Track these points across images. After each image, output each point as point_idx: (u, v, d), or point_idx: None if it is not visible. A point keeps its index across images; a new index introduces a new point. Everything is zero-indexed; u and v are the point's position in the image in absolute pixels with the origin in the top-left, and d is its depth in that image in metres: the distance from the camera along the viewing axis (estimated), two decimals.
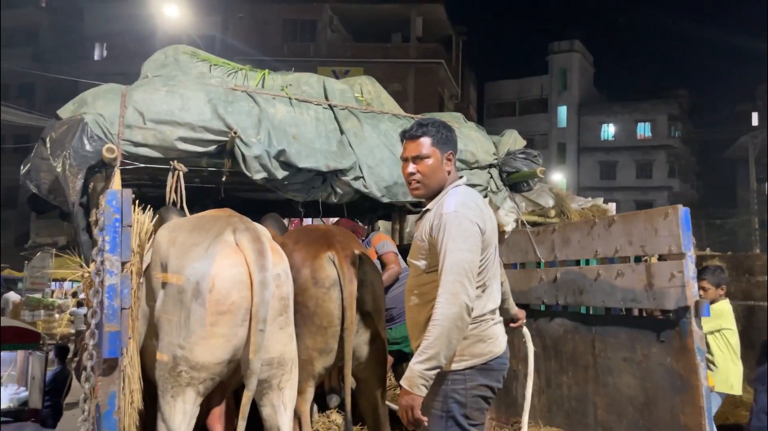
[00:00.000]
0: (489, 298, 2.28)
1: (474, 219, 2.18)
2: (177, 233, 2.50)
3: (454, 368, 2.19)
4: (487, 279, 2.25)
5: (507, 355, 2.34)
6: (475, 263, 2.13)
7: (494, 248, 2.31)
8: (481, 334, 2.22)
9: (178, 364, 2.27)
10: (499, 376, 2.29)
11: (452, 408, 2.18)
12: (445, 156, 2.34)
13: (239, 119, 3.65)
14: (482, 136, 4.54)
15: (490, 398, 2.28)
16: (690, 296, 3.07)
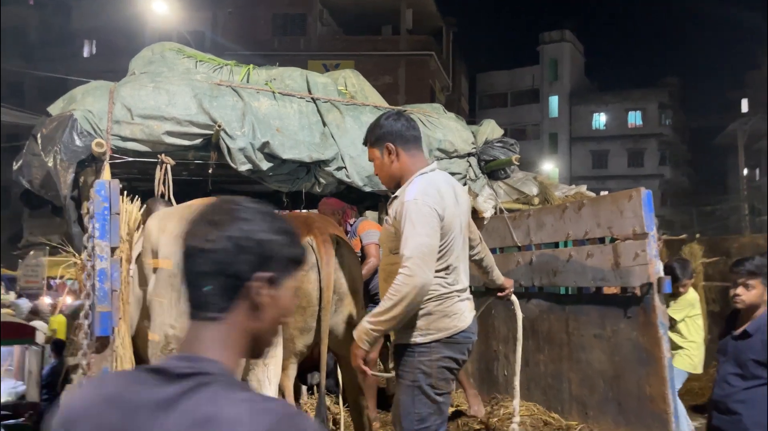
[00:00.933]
0: (455, 278, 2.45)
1: (432, 205, 2.35)
2: (167, 221, 2.65)
3: (420, 341, 2.37)
4: (451, 261, 2.42)
5: (473, 330, 2.49)
6: (433, 246, 2.31)
7: (459, 232, 2.47)
8: (446, 310, 2.40)
9: (170, 342, 2.43)
10: (464, 349, 2.46)
11: (419, 378, 2.37)
12: (383, 151, 2.52)
13: (224, 113, 3.79)
14: (461, 125, 4.69)
15: (455, 369, 2.45)
16: (652, 273, 3.24)
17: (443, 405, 2.44)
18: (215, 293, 1.00)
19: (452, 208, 2.44)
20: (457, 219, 2.46)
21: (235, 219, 1.03)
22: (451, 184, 2.60)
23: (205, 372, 0.94)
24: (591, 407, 3.73)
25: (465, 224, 2.57)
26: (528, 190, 8.05)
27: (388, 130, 2.55)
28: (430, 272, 2.28)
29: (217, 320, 1.01)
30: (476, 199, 4.61)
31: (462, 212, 2.54)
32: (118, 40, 24.87)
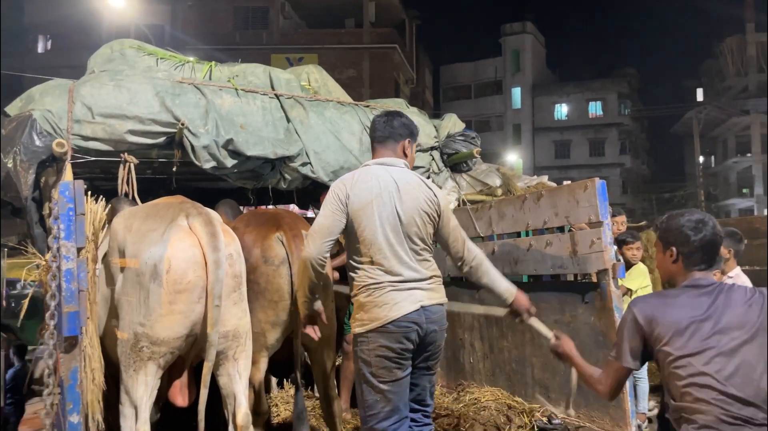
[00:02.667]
0: (386, 268, 2.47)
1: (335, 190, 2.54)
2: (132, 220, 2.66)
3: (358, 331, 2.49)
4: (374, 252, 2.47)
5: (413, 318, 2.46)
6: (325, 226, 2.48)
7: (388, 223, 2.48)
8: (375, 301, 2.46)
9: (140, 340, 2.46)
10: (400, 337, 2.44)
11: (361, 367, 2.50)
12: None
13: (187, 111, 3.79)
14: (423, 120, 4.78)
15: (395, 357, 2.45)
16: (607, 260, 3.38)
17: (390, 393, 2.46)
18: None
19: (368, 198, 2.48)
20: (383, 210, 2.48)
21: None
22: (398, 177, 2.57)
23: None
24: (553, 390, 3.87)
25: (411, 218, 2.52)
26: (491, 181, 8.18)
27: (374, 128, 2.74)
28: (314, 247, 2.46)
29: None
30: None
31: (407, 207, 2.52)
32: (73, 34, 24.18)
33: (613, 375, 2.04)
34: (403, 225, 2.52)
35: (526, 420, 3.65)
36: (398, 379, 2.49)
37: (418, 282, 2.52)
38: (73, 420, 2.20)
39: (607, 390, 2.09)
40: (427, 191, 2.63)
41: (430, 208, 2.60)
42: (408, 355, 2.50)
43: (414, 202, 2.56)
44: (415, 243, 2.55)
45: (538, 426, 3.65)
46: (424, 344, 2.54)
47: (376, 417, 2.46)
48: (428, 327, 2.52)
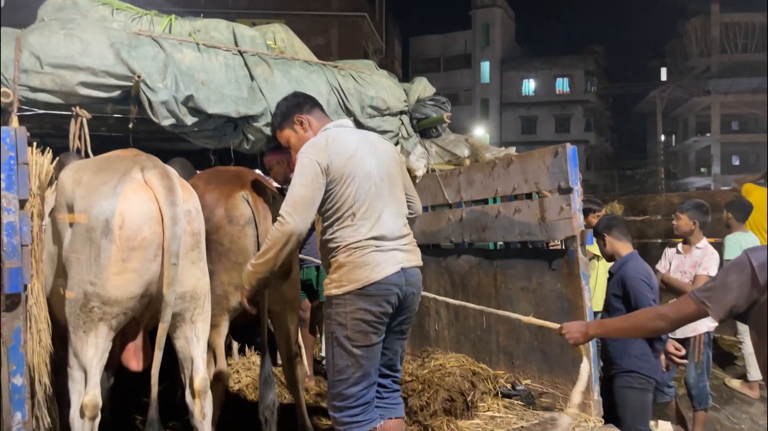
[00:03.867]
0: (369, 227, 2.37)
1: (312, 156, 2.38)
2: (82, 173, 2.49)
3: (334, 293, 2.37)
4: (357, 208, 2.38)
5: (394, 281, 2.38)
6: (306, 196, 2.34)
7: (368, 179, 2.41)
8: (356, 261, 2.34)
9: (90, 300, 2.31)
10: (381, 301, 2.36)
11: (335, 330, 2.38)
12: (294, 125, 2.62)
13: (144, 64, 3.60)
14: (393, 83, 4.66)
15: (374, 322, 2.37)
16: (576, 227, 3.36)
17: (362, 359, 2.38)
18: None
19: (347, 155, 2.41)
20: (362, 165, 2.42)
21: None
22: (362, 135, 2.59)
23: None
24: (517, 357, 3.87)
25: (386, 173, 2.49)
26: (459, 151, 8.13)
27: (292, 104, 2.66)
28: (300, 219, 2.33)
29: None
30: (408, 157, 4.62)
31: (381, 162, 2.49)
32: None
33: (686, 314, 1.95)
34: (383, 180, 2.46)
35: (490, 386, 3.65)
36: (373, 344, 2.40)
37: (399, 241, 2.44)
38: (16, 383, 2.06)
39: (668, 327, 2.04)
40: (388, 142, 2.68)
41: (393, 157, 2.60)
42: (385, 320, 2.42)
43: (387, 156, 2.54)
44: (394, 198, 2.50)
45: (501, 392, 3.64)
46: (401, 307, 2.47)
47: (345, 382, 2.38)
48: (407, 290, 2.44)
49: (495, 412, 3.45)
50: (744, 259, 1.84)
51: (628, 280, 3.47)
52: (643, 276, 3.52)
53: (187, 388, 2.60)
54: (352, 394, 2.38)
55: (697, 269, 4.23)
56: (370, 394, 2.44)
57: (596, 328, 2.36)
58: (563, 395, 3.54)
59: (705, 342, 4.25)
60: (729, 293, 1.83)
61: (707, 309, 1.87)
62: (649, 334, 2.11)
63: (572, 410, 2.79)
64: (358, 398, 2.39)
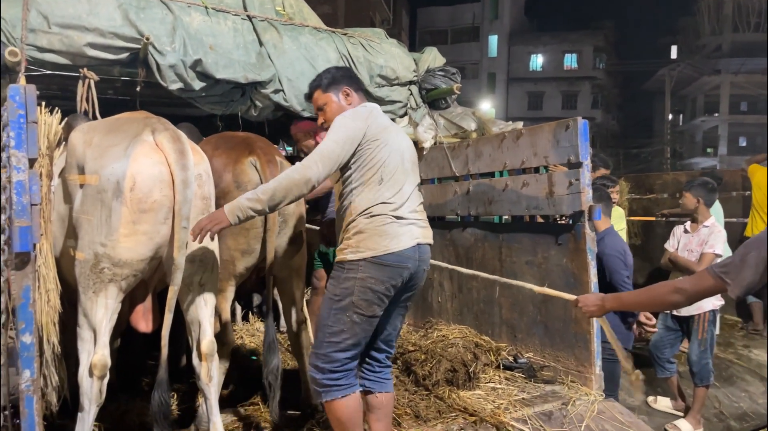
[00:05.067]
0: (388, 192, 2.41)
1: (352, 119, 2.43)
2: (92, 135, 2.48)
3: (350, 258, 2.38)
4: (386, 175, 2.42)
5: (409, 255, 2.40)
6: (335, 152, 2.36)
7: (399, 153, 2.49)
8: (377, 229, 2.36)
9: (100, 261, 2.32)
10: (395, 273, 2.38)
11: (340, 293, 2.39)
12: (341, 93, 2.63)
13: (152, 26, 3.55)
14: (403, 52, 4.60)
15: (381, 293, 2.38)
16: (584, 201, 3.34)
17: (359, 327, 2.38)
18: None
19: (384, 125, 2.49)
20: (394, 139, 2.50)
21: None
22: (392, 123, 2.64)
23: None
24: (520, 330, 3.90)
25: (410, 155, 2.58)
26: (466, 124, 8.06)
27: (346, 74, 2.70)
28: (323, 170, 2.34)
29: None
30: (416, 128, 4.58)
31: (406, 144, 2.60)
32: None
33: (704, 289, 1.95)
34: (407, 158, 2.54)
35: (492, 358, 3.68)
36: (374, 316, 2.42)
37: (416, 216, 2.49)
38: (25, 341, 2.08)
39: (685, 301, 2.04)
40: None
41: (414, 149, 2.67)
42: (391, 294, 2.43)
43: (407, 142, 2.62)
44: (414, 178, 2.57)
45: (503, 365, 3.68)
46: (410, 282, 2.49)
47: (335, 346, 2.39)
48: (419, 266, 2.48)
49: (496, 384, 3.49)
50: (763, 236, 1.84)
51: (605, 257, 3.64)
52: (618, 254, 3.71)
53: (194, 351, 2.62)
54: (338, 359, 2.39)
55: (704, 247, 4.24)
56: (354, 363, 2.46)
57: (612, 301, 2.36)
58: (564, 368, 3.57)
59: (710, 320, 4.27)
60: (747, 269, 1.82)
61: (725, 284, 1.87)
62: (666, 308, 2.12)
63: (637, 372, 2.77)
64: (343, 364, 2.41)
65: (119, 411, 3.08)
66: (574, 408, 3.19)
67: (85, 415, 2.37)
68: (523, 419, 3.05)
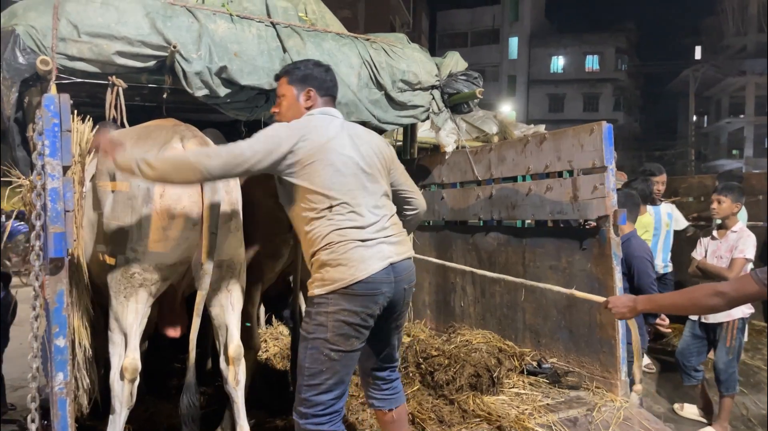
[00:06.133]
0: (344, 219, 2.21)
1: (281, 134, 2.21)
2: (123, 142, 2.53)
3: (317, 293, 2.21)
4: (332, 198, 2.21)
5: (382, 278, 2.21)
6: (244, 156, 2.14)
7: (352, 171, 2.26)
8: (339, 258, 2.17)
9: (131, 267, 2.37)
10: (368, 302, 2.19)
11: (313, 331, 2.20)
12: (303, 92, 2.46)
13: (179, 34, 3.60)
14: (425, 57, 4.61)
15: (358, 325, 2.20)
16: (609, 206, 3.32)
17: (339, 365, 2.19)
18: None
19: (322, 140, 2.24)
20: (339, 153, 2.26)
21: None
22: (345, 125, 2.40)
23: None
24: (543, 335, 3.88)
25: (368, 165, 2.33)
26: (488, 128, 8.10)
27: (318, 76, 2.49)
28: (218, 168, 2.11)
29: None
30: (439, 133, 4.58)
31: (363, 153, 2.34)
32: None
33: (746, 294, 1.92)
34: (364, 168, 2.31)
35: (516, 364, 3.66)
36: (353, 350, 2.23)
37: (384, 232, 2.28)
38: (59, 344, 2.13)
39: (725, 305, 1.98)
40: (375, 135, 2.50)
41: (381, 152, 2.43)
42: (370, 322, 2.24)
43: (370, 145, 2.39)
44: (377, 188, 2.34)
45: (527, 370, 3.66)
46: (393, 304, 2.31)
47: (316, 389, 2.20)
48: (398, 286, 2.28)
49: (520, 389, 3.47)
50: None
51: (633, 259, 3.64)
52: (647, 255, 3.74)
53: (221, 355, 2.66)
54: (321, 402, 2.21)
55: (734, 252, 4.18)
56: (341, 403, 2.27)
57: (645, 303, 2.28)
58: (589, 374, 3.54)
59: (738, 328, 4.20)
60: None
61: None
62: (704, 312, 2.06)
63: (638, 387, 2.78)
64: (327, 406, 2.22)
65: (147, 413, 3.14)
66: (599, 415, 3.16)
67: (116, 418, 2.42)
68: (548, 425, 3.03)
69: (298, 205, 2.27)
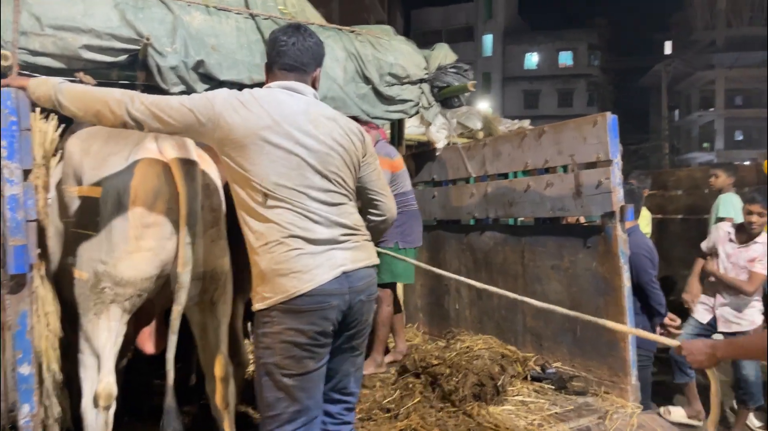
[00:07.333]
0: (283, 215, 1.87)
1: (219, 101, 1.90)
2: (91, 142, 2.28)
3: (258, 308, 1.92)
4: (270, 188, 1.87)
5: (331, 290, 1.89)
6: (171, 109, 1.87)
7: (284, 154, 1.89)
8: (279, 267, 1.86)
9: (101, 281, 2.11)
10: (316, 318, 1.87)
11: (262, 355, 1.91)
12: (265, 67, 2.14)
13: (151, 27, 3.35)
14: (412, 49, 4.40)
15: (307, 344, 1.88)
16: (615, 202, 3.15)
17: (297, 389, 1.89)
18: None
19: (267, 122, 1.88)
20: (285, 138, 1.89)
21: None
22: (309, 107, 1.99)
23: None
24: (545, 338, 3.70)
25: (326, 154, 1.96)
26: (472, 124, 7.91)
27: (269, 49, 2.12)
28: (143, 113, 1.86)
29: None
30: (429, 128, 4.39)
31: (322, 142, 1.96)
32: None
33: None
34: (314, 162, 1.93)
35: (519, 369, 3.48)
36: (309, 372, 1.91)
37: (338, 237, 1.94)
38: (23, 372, 1.88)
39: None
40: (347, 123, 2.10)
41: (351, 142, 2.05)
42: (325, 341, 1.93)
43: (329, 135, 1.98)
44: (332, 185, 1.97)
45: (531, 376, 3.48)
46: (348, 321, 1.99)
47: (277, 420, 1.91)
48: (352, 298, 1.95)
49: (525, 397, 3.29)
50: None
51: (632, 256, 3.44)
52: (646, 252, 3.61)
53: (207, 375, 2.41)
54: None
55: (755, 265, 3.92)
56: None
57: (725, 350, 1.94)
58: (597, 379, 3.37)
59: None
60: None
61: None
62: None
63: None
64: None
65: None
66: (611, 423, 2.99)
67: None
68: None
69: (237, 194, 1.94)
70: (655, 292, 3.63)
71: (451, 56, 4.49)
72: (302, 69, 2.07)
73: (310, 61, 2.10)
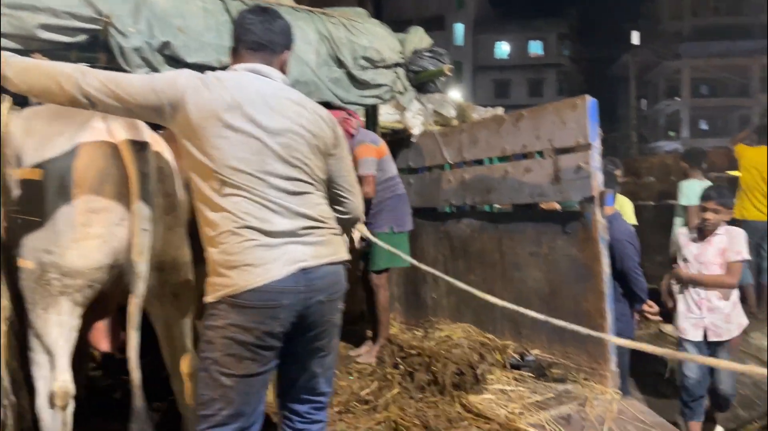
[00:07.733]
0: (245, 211, 1.76)
1: (181, 80, 1.79)
2: (34, 121, 2.12)
3: (207, 300, 1.81)
4: (225, 175, 1.75)
5: (284, 288, 1.75)
6: (130, 86, 1.78)
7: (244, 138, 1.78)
8: (231, 259, 1.74)
9: (47, 271, 1.97)
10: (264, 316, 1.74)
11: (204, 349, 1.80)
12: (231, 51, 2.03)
13: (113, 6, 3.18)
14: (387, 32, 4.29)
15: (251, 344, 1.75)
16: (595, 186, 3.11)
17: (233, 392, 1.76)
18: None
19: (227, 104, 1.77)
20: (246, 122, 1.78)
21: None
22: (264, 89, 1.86)
23: None
24: (524, 325, 3.66)
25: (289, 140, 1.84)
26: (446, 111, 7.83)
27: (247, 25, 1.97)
28: (100, 92, 1.76)
29: None
30: (404, 113, 4.30)
31: (285, 127, 1.83)
32: None
33: None
34: (276, 146, 1.80)
35: (498, 357, 3.43)
36: (250, 375, 1.78)
37: (299, 230, 1.81)
38: None
39: None
40: (316, 108, 1.97)
41: (320, 128, 1.92)
42: (272, 342, 1.79)
43: (295, 120, 1.86)
44: (295, 171, 1.84)
45: (510, 364, 3.43)
46: (307, 323, 1.85)
47: (209, 421, 1.78)
48: (309, 297, 1.81)
49: (505, 385, 3.24)
50: None
51: (615, 242, 3.39)
52: (629, 238, 3.54)
53: (171, 371, 2.29)
54: None
55: (728, 255, 3.66)
56: None
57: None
58: (576, 366, 3.34)
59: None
60: None
61: None
62: None
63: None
64: None
65: None
66: (592, 409, 2.96)
67: None
68: (540, 424, 2.81)
69: (194, 184, 1.82)
70: (639, 279, 3.57)
71: (427, 40, 4.39)
72: (269, 48, 1.95)
73: (278, 41, 1.98)
